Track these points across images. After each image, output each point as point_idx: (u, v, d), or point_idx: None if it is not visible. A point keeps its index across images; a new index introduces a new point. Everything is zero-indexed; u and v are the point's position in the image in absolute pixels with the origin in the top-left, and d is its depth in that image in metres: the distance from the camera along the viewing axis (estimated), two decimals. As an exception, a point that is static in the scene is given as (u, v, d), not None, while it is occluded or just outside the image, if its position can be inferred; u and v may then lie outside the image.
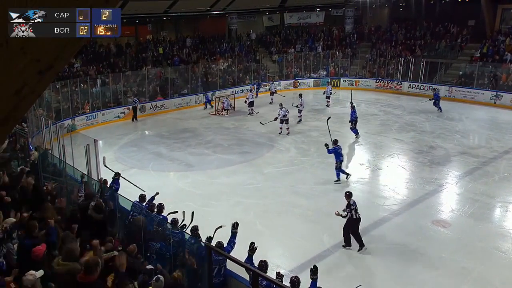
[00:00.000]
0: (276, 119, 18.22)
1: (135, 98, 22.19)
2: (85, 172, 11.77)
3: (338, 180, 13.12)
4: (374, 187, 13.26)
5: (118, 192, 9.31)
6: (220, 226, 7.78)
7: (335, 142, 13.16)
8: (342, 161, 13.28)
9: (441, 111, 21.56)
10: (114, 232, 7.31)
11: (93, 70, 22.47)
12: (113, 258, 5.56)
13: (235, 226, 7.29)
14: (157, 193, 9.27)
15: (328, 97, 23.90)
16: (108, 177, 10.50)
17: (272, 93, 25.60)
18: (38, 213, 6.61)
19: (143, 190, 9.58)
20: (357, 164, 15.08)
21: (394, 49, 29.10)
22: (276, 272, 6.78)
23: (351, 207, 9.30)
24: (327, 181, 13.39)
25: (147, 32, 28.85)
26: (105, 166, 11.18)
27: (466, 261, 9.11)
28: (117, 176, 10.46)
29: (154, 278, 5.48)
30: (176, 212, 8.27)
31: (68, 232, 6.03)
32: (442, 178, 13.76)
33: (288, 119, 18.12)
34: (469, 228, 10.50)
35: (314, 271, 6.37)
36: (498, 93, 23.46)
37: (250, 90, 24.55)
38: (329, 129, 13.28)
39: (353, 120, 17.64)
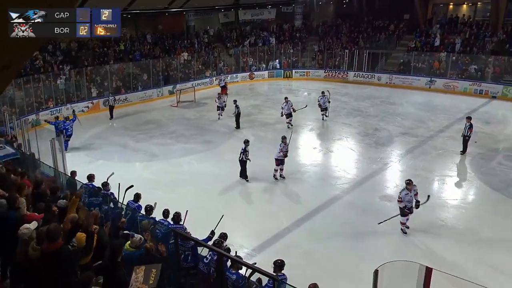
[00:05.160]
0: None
1: (110, 97, 20.39)
2: (52, 166, 11.19)
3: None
4: (327, 168, 13.32)
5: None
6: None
7: (56, 117, 15.84)
8: (68, 135, 14.84)
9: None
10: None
11: (56, 66, 21.24)
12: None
13: (212, 233, 6.99)
14: (155, 203, 7.98)
15: (324, 109, 18.05)
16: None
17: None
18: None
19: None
20: (311, 148, 15.11)
21: (339, 42, 29.35)
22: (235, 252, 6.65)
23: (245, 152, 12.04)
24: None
25: (107, 29, 27.59)
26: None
27: (411, 231, 9.30)
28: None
29: (130, 235, 5.71)
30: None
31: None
32: (386, 157, 14.01)
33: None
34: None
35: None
36: (432, 78, 24.18)
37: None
38: None
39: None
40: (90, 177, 9.02)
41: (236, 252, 6.82)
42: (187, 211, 7.43)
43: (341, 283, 7.38)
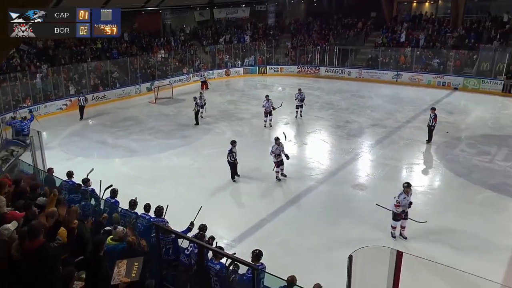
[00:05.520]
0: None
1: (81, 97, 19.17)
2: (30, 163, 10.84)
3: None
4: (302, 160, 13.34)
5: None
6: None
7: (13, 117, 15.25)
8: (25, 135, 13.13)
9: None
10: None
11: (33, 64, 20.52)
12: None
13: (191, 224, 6.86)
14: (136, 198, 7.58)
15: (300, 107, 17.65)
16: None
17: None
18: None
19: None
20: (286, 141, 15.07)
21: (311, 39, 29.46)
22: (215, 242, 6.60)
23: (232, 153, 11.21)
24: (261, 158, 13.24)
25: (84, 28, 26.83)
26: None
27: (382, 217, 9.37)
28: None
29: (112, 227, 5.58)
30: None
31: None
32: (358, 148, 14.16)
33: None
34: (382, 189, 10.80)
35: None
36: (399, 72, 24.60)
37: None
38: None
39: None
40: (70, 174, 8.77)
41: (216, 243, 6.76)
42: (167, 205, 7.29)
43: (316, 271, 7.40)
